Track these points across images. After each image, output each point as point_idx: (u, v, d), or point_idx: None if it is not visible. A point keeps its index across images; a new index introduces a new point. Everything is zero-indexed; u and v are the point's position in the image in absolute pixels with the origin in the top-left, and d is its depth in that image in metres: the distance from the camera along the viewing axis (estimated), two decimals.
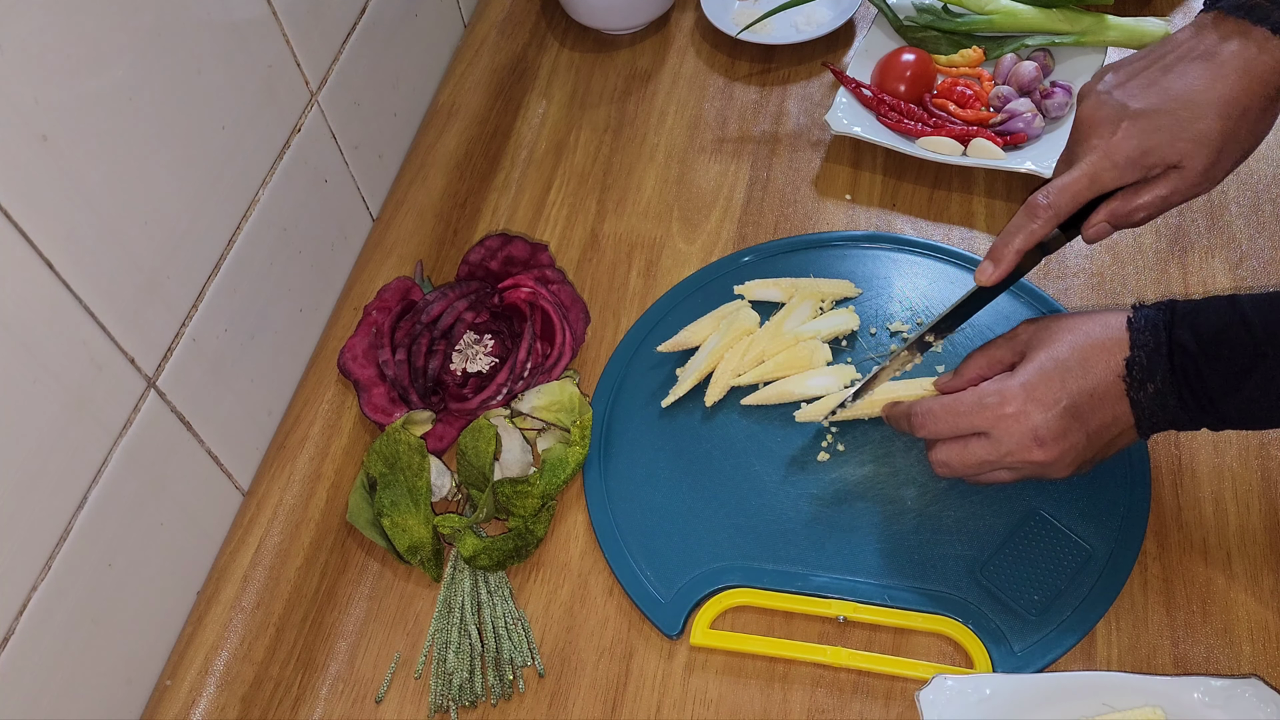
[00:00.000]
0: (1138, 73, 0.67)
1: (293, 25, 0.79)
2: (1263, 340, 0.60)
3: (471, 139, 1.01)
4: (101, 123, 0.61)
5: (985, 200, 0.91)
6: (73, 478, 0.62)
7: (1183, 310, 0.63)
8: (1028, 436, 0.64)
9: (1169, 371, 0.62)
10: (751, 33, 1.04)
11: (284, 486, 0.79)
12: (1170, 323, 0.62)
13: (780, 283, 0.85)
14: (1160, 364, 0.62)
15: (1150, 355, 0.62)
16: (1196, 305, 0.63)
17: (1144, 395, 0.63)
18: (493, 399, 0.81)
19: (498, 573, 0.74)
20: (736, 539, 0.74)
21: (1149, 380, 0.62)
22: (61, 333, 0.60)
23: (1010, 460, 0.65)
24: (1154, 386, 0.62)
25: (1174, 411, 0.63)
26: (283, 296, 0.82)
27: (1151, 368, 0.62)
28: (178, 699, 0.70)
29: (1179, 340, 0.62)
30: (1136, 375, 0.63)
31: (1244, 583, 0.70)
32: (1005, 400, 0.65)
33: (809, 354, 0.80)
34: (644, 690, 0.69)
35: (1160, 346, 0.62)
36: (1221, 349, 0.61)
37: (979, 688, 0.63)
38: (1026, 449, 0.64)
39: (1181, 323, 0.62)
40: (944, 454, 0.68)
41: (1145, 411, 0.63)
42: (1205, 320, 0.62)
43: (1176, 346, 0.62)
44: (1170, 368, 0.62)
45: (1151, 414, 0.63)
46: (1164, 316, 0.63)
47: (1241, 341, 0.60)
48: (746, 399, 0.79)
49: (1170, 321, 0.62)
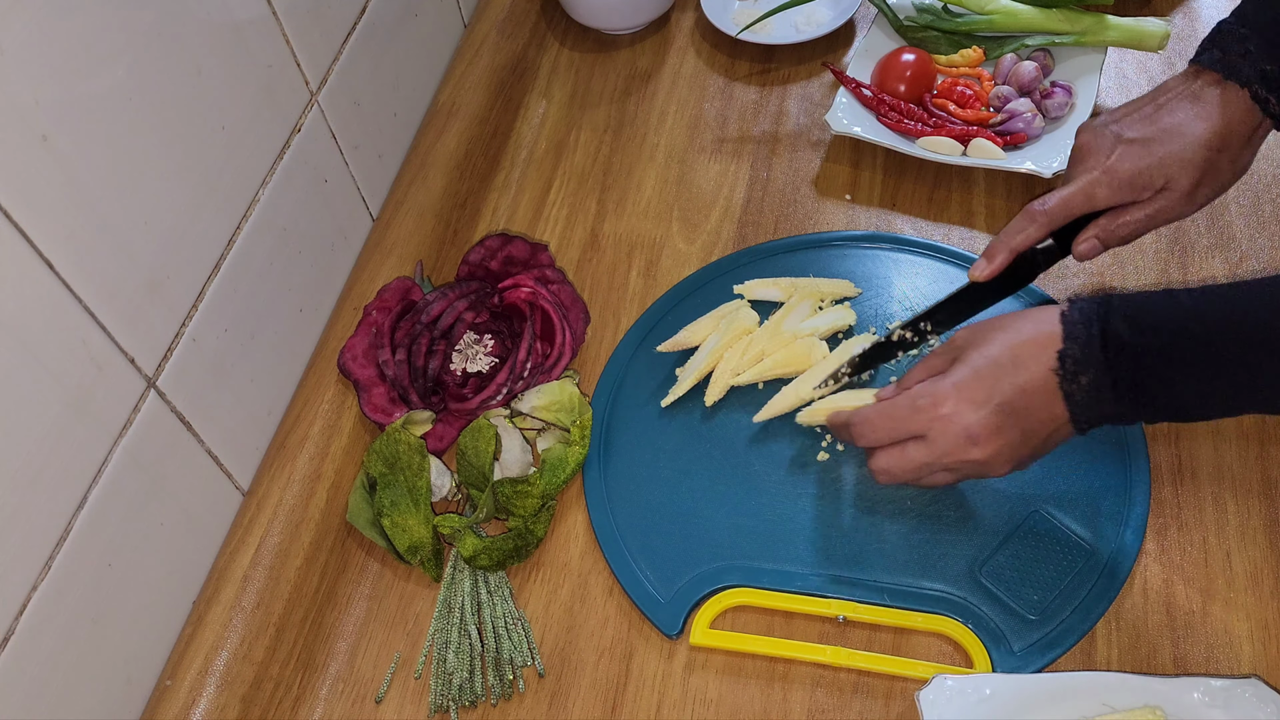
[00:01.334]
0: (1132, 110, 0.73)
1: (293, 25, 0.79)
2: (1198, 331, 0.59)
3: (471, 139, 1.01)
4: (101, 123, 0.61)
5: (985, 200, 0.91)
6: (73, 478, 0.62)
7: (1118, 302, 0.62)
8: (961, 436, 0.64)
9: (1103, 363, 0.61)
10: (751, 33, 1.04)
11: (284, 486, 0.79)
12: (1104, 315, 0.62)
13: (780, 282, 0.85)
14: (1094, 356, 0.61)
15: (1083, 347, 0.62)
16: (1132, 297, 0.62)
17: (1077, 388, 0.62)
18: (493, 399, 0.81)
19: (498, 573, 0.74)
20: (736, 539, 0.74)
21: (1082, 373, 0.62)
22: (61, 333, 0.60)
23: (947, 460, 0.65)
24: (1087, 379, 0.62)
25: (1109, 404, 0.62)
26: (283, 296, 0.82)
27: (1085, 360, 0.62)
28: (178, 699, 0.70)
29: (1113, 331, 0.61)
30: (1069, 368, 0.62)
31: (1244, 582, 0.70)
32: (938, 401, 0.65)
33: (807, 351, 0.80)
34: (644, 690, 0.69)
35: (1093, 339, 0.62)
36: (1158, 340, 0.60)
37: (979, 688, 0.63)
38: (962, 448, 0.64)
39: (1116, 314, 0.62)
40: (883, 461, 0.67)
41: (1079, 405, 0.63)
42: (1141, 312, 0.61)
43: (1110, 337, 0.61)
44: (1104, 359, 0.61)
45: (1086, 407, 0.63)
46: (1097, 309, 0.62)
47: (1177, 332, 0.60)
48: (759, 415, 0.78)
49: (1104, 314, 0.62)
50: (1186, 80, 0.72)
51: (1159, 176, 0.70)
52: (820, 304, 0.84)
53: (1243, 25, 0.71)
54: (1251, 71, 0.69)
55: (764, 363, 0.80)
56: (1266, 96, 0.69)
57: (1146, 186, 0.71)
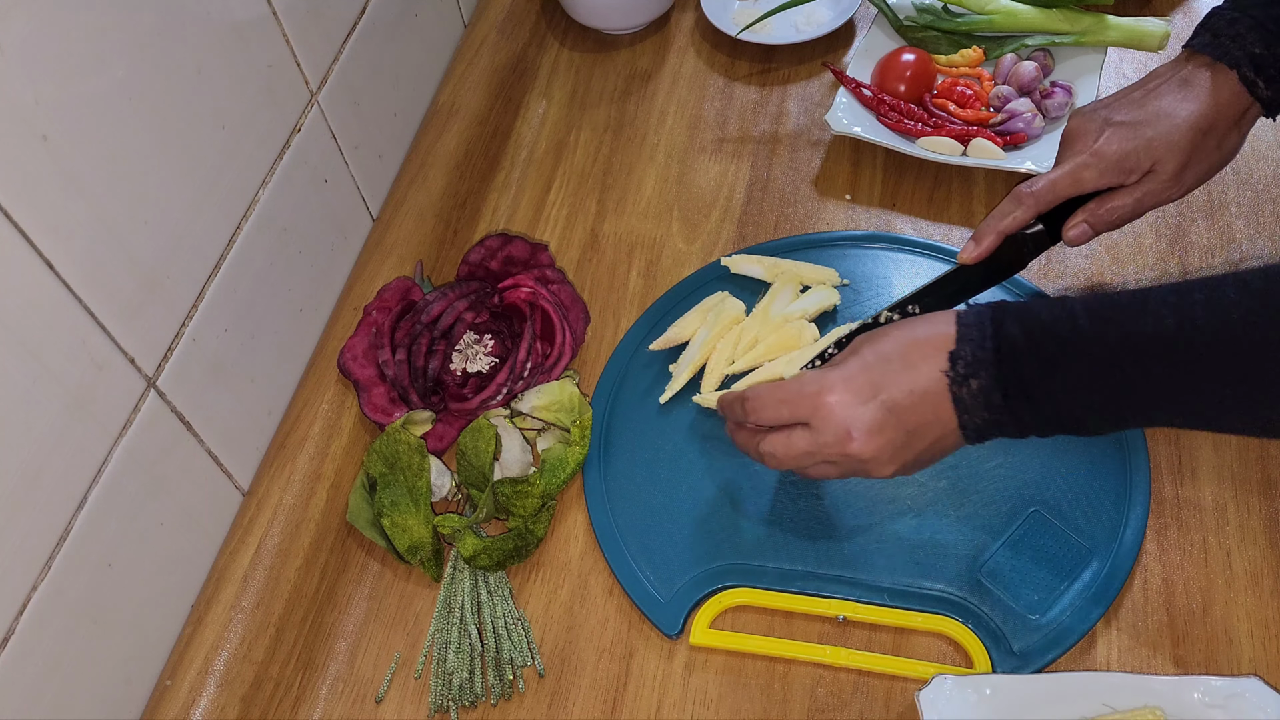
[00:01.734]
0: (1122, 96, 0.74)
1: (293, 25, 0.79)
2: (1091, 338, 0.58)
3: (471, 139, 1.01)
4: (101, 123, 0.61)
5: (985, 200, 0.91)
6: (73, 478, 0.62)
7: (1013, 307, 0.61)
8: (842, 428, 0.62)
9: (994, 366, 0.59)
10: (751, 33, 1.04)
11: (284, 486, 0.79)
12: (998, 318, 0.61)
13: (764, 260, 0.86)
14: (985, 359, 0.60)
15: (975, 349, 0.60)
16: (1028, 303, 0.61)
17: (966, 392, 0.60)
18: (493, 399, 0.81)
19: (498, 573, 0.74)
20: (736, 539, 0.74)
21: (972, 376, 0.60)
22: (61, 333, 0.60)
23: (828, 452, 0.63)
24: (978, 383, 0.60)
25: (998, 411, 0.60)
26: (283, 296, 0.82)
27: (976, 363, 0.60)
28: (178, 699, 0.70)
29: (1007, 333, 0.59)
30: (960, 370, 0.60)
31: (1244, 583, 0.70)
32: (824, 389, 0.62)
33: (798, 334, 0.80)
34: (644, 690, 0.69)
35: (986, 341, 0.60)
36: (1049, 344, 0.59)
37: (979, 688, 0.63)
38: (841, 441, 0.62)
39: (1010, 317, 0.60)
40: (770, 445, 0.66)
41: (968, 409, 0.61)
42: (1036, 316, 0.60)
43: (1004, 340, 0.59)
44: (995, 362, 0.59)
45: (975, 412, 0.61)
46: (992, 312, 0.61)
47: (1063, 336, 0.58)
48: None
49: (998, 317, 0.61)
50: (1177, 65, 0.73)
51: (1146, 158, 0.70)
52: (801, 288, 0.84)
53: (1235, 9, 0.71)
54: (1240, 54, 0.69)
55: (757, 348, 0.81)
56: (1255, 79, 0.69)
57: (1133, 169, 0.71)
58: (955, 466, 0.75)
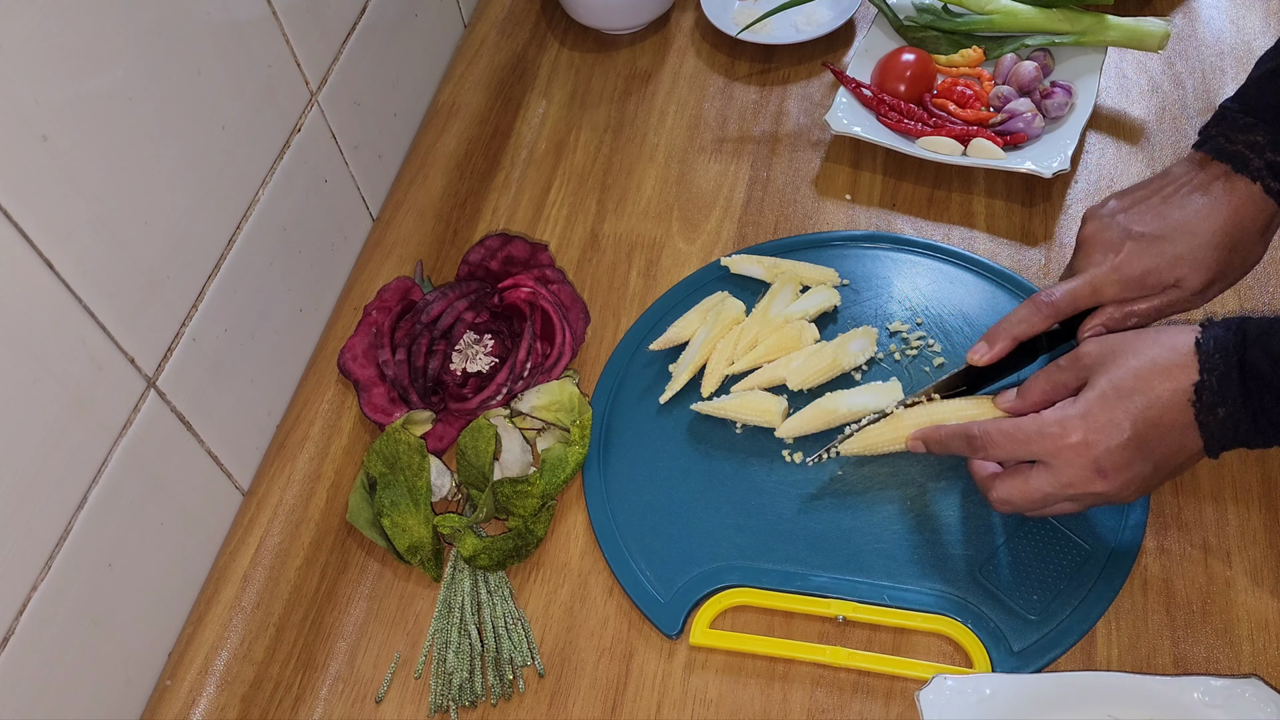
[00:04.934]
0: (1139, 201, 0.72)
1: (293, 25, 0.79)
2: None
3: (471, 139, 1.01)
4: (101, 123, 0.61)
5: (985, 200, 0.91)
6: (73, 478, 0.62)
7: (1255, 331, 0.60)
8: (1089, 468, 0.62)
9: (1241, 395, 0.59)
10: (751, 33, 1.04)
11: (284, 486, 0.79)
12: (1241, 344, 0.60)
13: (763, 261, 0.86)
14: (1232, 388, 0.60)
15: (1221, 379, 0.60)
16: (1269, 324, 0.60)
17: (1214, 419, 0.60)
18: (493, 399, 0.81)
19: (498, 573, 0.74)
20: (736, 538, 0.74)
21: (1220, 405, 0.60)
22: (61, 333, 0.60)
23: (1071, 491, 0.63)
24: (1225, 411, 0.60)
25: (1246, 434, 0.61)
26: (283, 296, 0.82)
27: (1223, 392, 0.60)
28: (178, 699, 0.70)
29: (1252, 363, 0.59)
30: (1206, 400, 0.60)
31: (1244, 583, 0.70)
32: (1067, 430, 0.63)
33: (798, 334, 0.80)
34: (644, 690, 0.69)
35: (1231, 370, 0.60)
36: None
37: (979, 688, 0.63)
38: (1088, 480, 0.63)
39: (1254, 345, 0.60)
40: (1004, 491, 0.66)
41: (1215, 435, 0.61)
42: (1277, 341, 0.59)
43: (1250, 369, 0.59)
44: (1243, 391, 0.59)
45: (1222, 438, 0.61)
46: (1234, 338, 0.60)
47: None
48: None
49: (1241, 343, 0.60)
50: (1193, 169, 0.71)
51: (1170, 275, 0.69)
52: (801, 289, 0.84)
53: (1248, 113, 0.69)
54: (1260, 164, 0.68)
55: (757, 349, 0.81)
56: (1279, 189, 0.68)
57: (1156, 285, 0.69)
58: (955, 467, 0.75)
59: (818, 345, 0.80)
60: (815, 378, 0.79)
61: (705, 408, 0.79)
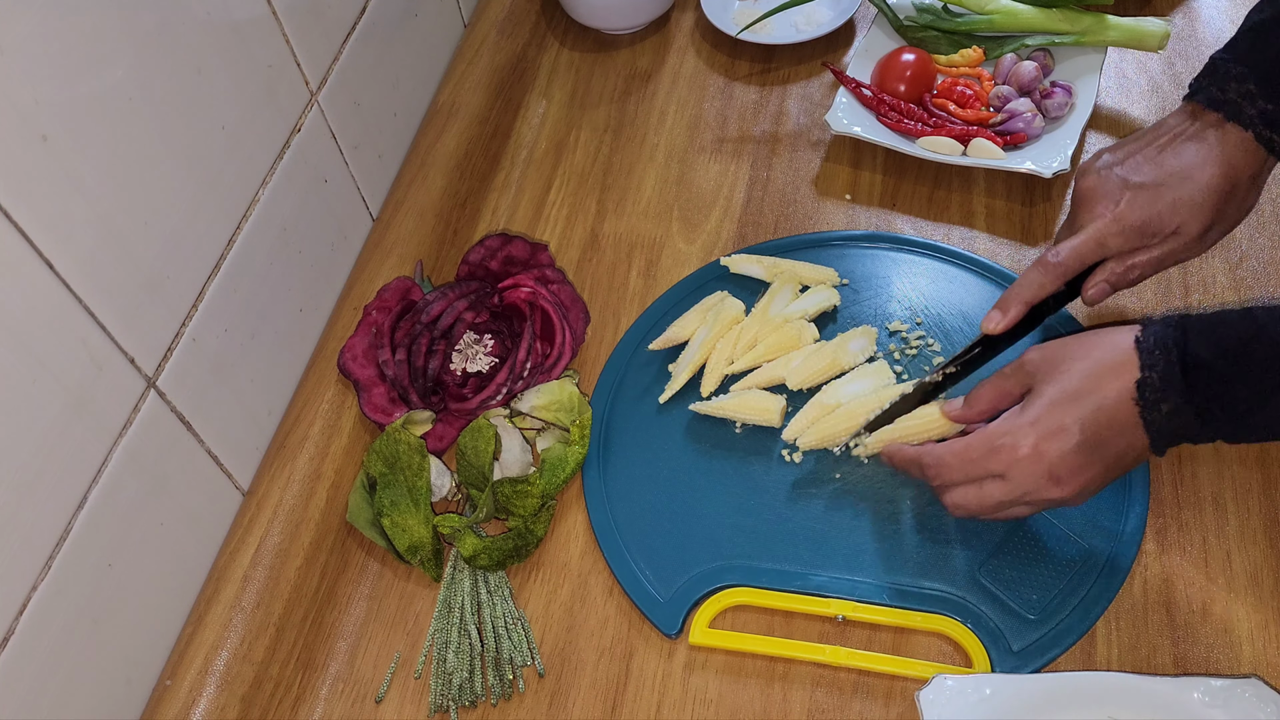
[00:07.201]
0: (1134, 153, 0.72)
1: (293, 25, 0.79)
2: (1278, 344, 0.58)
3: (471, 139, 1.01)
4: (101, 123, 0.61)
5: (985, 200, 0.91)
6: (73, 478, 0.62)
7: (1195, 325, 0.61)
8: (1044, 477, 0.63)
9: (1184, 389, 0.60)
10: (751, 33, 1.04)
11: (284, 486, 0.79)
12: (1182, 339, 0.61)
13: (763, 260, 0.86)
14: (1174, 382, 0.60)
15: (1163, 375, 0.60)
16: (1208, 318, 0.61)
17: (1158, 415, 0.61)
18: (492, 399, 0.81)
19: (498, 573, 0.74)
20: (736, 538, 0.74)
21: (1163, 400, 0.61)
22: (61, 333, 0.60)
23: (1028, 499, 0.64)
24: (1168, 405, 0.61)
25: (1192, 428, 0.61)
26: (283, 296, 0.82)
27: (1165, 387, 0.60)
28: (178, 699, 0.70)
29: (1195, 355, 0.60)
30: (1149, 396, 0.61)
31: (1244, 582, 0.70)
32: (1018, 442, 0.63)
33: (797, 334, 0.80)
34: (644, 690, 0.69)
35: (1173, 365, 0.60)
36: (1240, 361, 0.59)
37: (979, 687, 0.63)
38: (1043, 488, 0.63)
39: (1196, 338, 0.60)
40: (959, 497, 0.67)
41: (1160, 431, 0.62)
42: (1223, 334, 0.60)
43: (1192, 362, 0.60)
44: (1186, 385, 0.60)
45: (1167, 433, 0.62)
46: (1174, 333, 0.61)
47: (1266, 355, 0.59)
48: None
49: (1182, 338, 0.61)
50: (1186, 119, 0.72)
51: (1169, 222, 0.70)
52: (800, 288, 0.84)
53: (1239, 62, 0.70)
54: (1253, 112, 0.68)
55: (757, 348, 0.81)
56: (1271, 137, 0.69)
57: (1157, 233, 0.70)
58: None
59: (817, 345, 0.80)
60: (815, 377, 0.79)
61: (704, 408, 0.79)
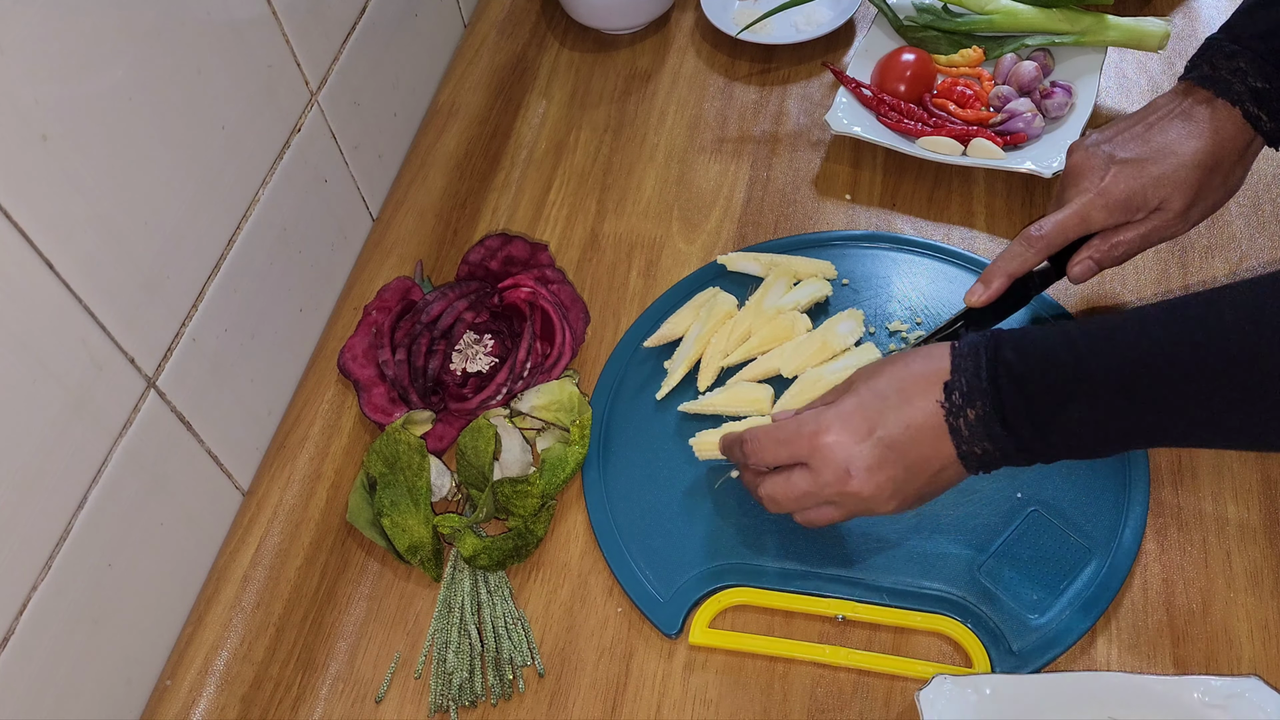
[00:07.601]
0: (1123, 130, 0.73)
1: (293, 25, 0.79)
2: (1092, 361, 0.57)
3: (471, 139, 1.01)
4: (101, 123, 0.61)
5: (985, 200, 0.91)
6: (73, 478, 0.62)
7: (1008, 335, 0.60)
8: (841, 467, 0.62)
9: (992, 395, 0.59)
10: (751, 33, 1.04)
11: (284, 486, 0.79)
12: (994, 345, 0.60)
13: (760, 258, 0.86)
14: (981, 387, 0.59)
15: (970, 379, 0.60)
16: (1024, 330, 0.61)
17: (964, 423, 0.60)
18: (492, 399, 0.81)
19: (498, 573, 0.74)
20: (736, 538, 0.74)
21: (969, 406, 0.59)
22: (61, 333, 0.60)
23: (829, 492, 0.63)
24: (974, 412, 0.59)
25: (1000, 440, 0.59)
26: (283, 296, 0.82)
27: (971, 392, 0.59)
28: (178, 699, 0.70)
29: (1002, 360, 0.59)
30: (956, 401, 0.60)
31: (1244, 582, 0.70)
32: (821, 429, 0.62)
33: (790, 325, 0.81)
34: (644, 690, 0.69)
35: (980, 369, 0.59)
36: (1048, 370, 0.58)
37: (979, 687, 0.63)
38: (841, 480, 0.62)
39: (1005, 345, 0.59)
40: (769, 488, 0.66)
41: (965, 440, 0.60)
42: (1031, 343, 0.59)
43: (1001, 367, 0.59)
44: (993, 390, 0.59)
45: (974, 442, 0.60)
46: (985, 340, 0.60)
47: (1061, 360, 0.58)
48: None
49: (993, 345, 0.60)
50: (1176, 98, 0.72)
51: (1153, 197, 0.70)
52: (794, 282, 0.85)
53: (1232, 41, 0.70)
54: (1242, 89, 0.69)
55: (751, 340, 0.81)
56: (1258, 114, 0.69)
57: (1140, 207, 0.71)
58: None
59: (808, 333, 0.81)
60: (806, 363, 0.79)
61: (693, 407, 0.79)
